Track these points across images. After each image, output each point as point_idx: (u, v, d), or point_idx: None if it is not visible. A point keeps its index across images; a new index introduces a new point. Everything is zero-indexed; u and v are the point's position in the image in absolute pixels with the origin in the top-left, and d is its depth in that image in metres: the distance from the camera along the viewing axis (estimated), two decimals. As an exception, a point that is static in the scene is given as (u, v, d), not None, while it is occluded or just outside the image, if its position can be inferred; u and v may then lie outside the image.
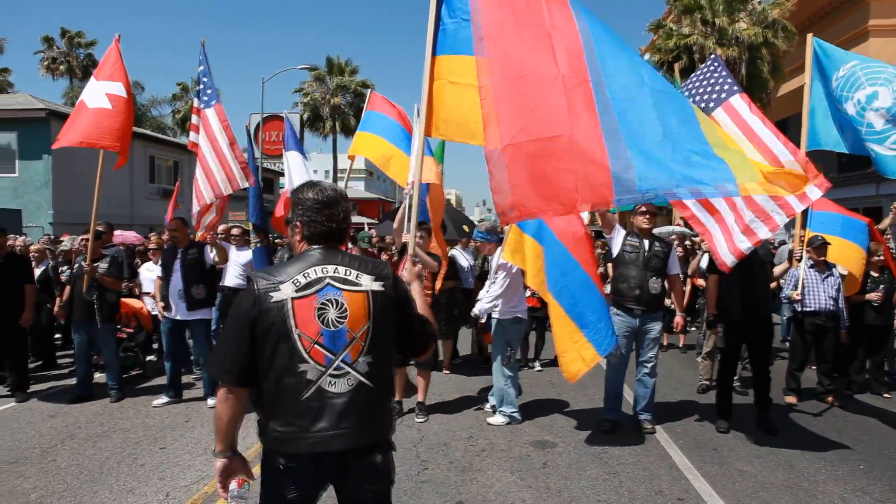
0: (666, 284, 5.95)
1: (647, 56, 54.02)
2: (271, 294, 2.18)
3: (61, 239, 10.19)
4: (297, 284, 2.20)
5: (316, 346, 2.17)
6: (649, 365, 5.96)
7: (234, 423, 2.27)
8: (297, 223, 2.37)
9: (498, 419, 6.11)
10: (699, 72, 6.43)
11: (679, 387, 7.63)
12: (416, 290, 2.66)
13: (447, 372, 8.10)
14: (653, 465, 5.05)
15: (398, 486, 4.58)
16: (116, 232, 11.28)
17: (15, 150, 19.98)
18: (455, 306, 7.87)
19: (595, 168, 3.15)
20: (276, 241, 10.90)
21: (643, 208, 5.91)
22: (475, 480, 4.74)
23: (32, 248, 9.21)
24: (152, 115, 38.55)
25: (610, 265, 11.63)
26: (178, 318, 6.59)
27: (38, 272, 8.11)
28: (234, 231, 8.66)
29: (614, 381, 5.98)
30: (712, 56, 5.83)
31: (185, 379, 7.33)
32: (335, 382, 2.18)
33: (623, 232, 5.99)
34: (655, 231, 6.42)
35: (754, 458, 5.22)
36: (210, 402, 6.64)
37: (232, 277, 7.90)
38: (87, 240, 6.76)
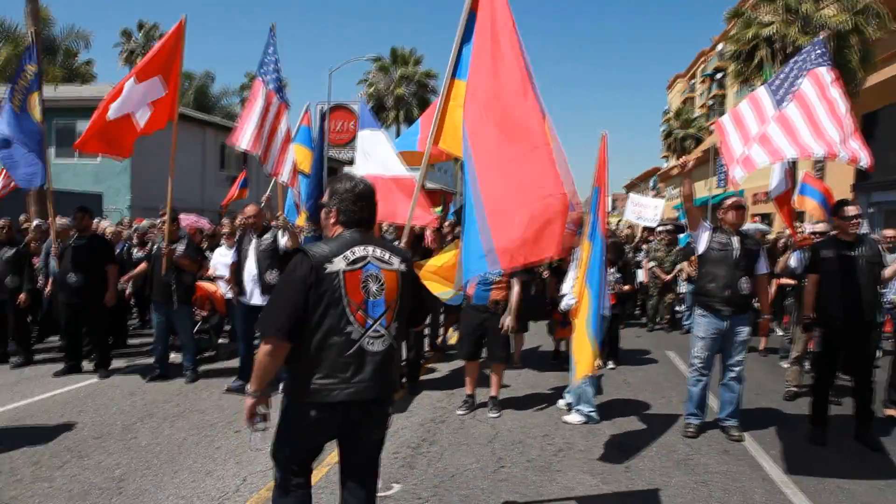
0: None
1: (720, 46, 51.77)
2: (326, 265, 2.58)
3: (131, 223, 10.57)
4: (348, 259, 2.63)
5: (360, 311, 2.63)
6: (737, 369, 5.60)
7: (272, 372, 2.64)
8: (334, 209, 2.78)
9: (574, 418, 5.88)
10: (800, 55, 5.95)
11: (763, 393, 7.19)
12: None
13: (517, 365, 7.90)
14: (744, 476, 4.73)
15: (475, 483, 4.48)
16: (191, 217, 11.58)
17: (97, 136, 20.81)
18: (525, 299, 7.64)
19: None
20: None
21: (732, 202, 5.55)
22: (555, 482, 4.54)
23: (108, 230, 9.52)
24: (222, 105, 39.59)
25: (684, 264, 11.25)
26: (253, 303, 6.62)
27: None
28: (225, 227, 8.69)
29: (699, 384, 5.65)
30: (817, 39, 5.36)
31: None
32: (373, 342, 2.66)
33: (709, 228, 5.64)
34: None
35: (857, 474, 4.80)
36: (282, 385, 6.65)
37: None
38: (165, 222, 6.88)
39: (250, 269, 6.55)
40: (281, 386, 2.93)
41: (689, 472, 4.78)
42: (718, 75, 54.50)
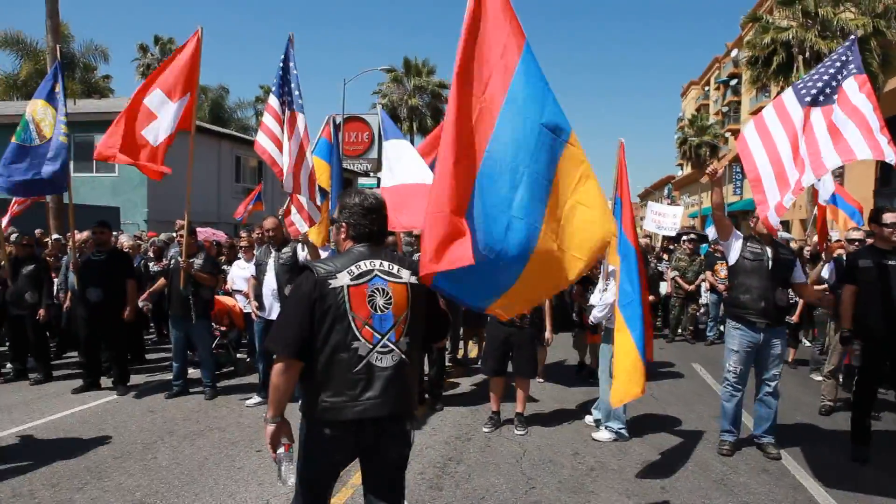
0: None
1: (734, 52, 51.28)
2: (329, 281, 2.54)
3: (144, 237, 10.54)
4: (352, 274, 2.59)
5: (366, 326, 2.55)
6: (773, 384, 5.39)
7: (289, 393, 2.59)
8: (344, 224, 2.77)
9: (604, 435, 5.70)
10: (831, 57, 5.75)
11: (797, 407, 6.95)
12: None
13: (541, 380, 7.71)
14: (787, 498, 4.52)
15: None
16: (207, 230, 11.55)
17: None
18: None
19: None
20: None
21: None
22: (589, 503, 4.37)
23: (126, 243, 9.49)
24: (237, 118, 39.87)
25: (708, 273, 11.04)
26: (272, 318, 6.52)
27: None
28: (243, 241, 8.59)
29: (733, 399, 5.45)
30: (850, 38, 5.17)
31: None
32: (382, 358, 2.57)
33: (741, 237, 5.46)
34: None
35: (906, 494, 4.59)
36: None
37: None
38: (183, 236, 6.81)
39: (270, 283, 6.46)
40: (298, 405, 2.84)
41: (728, 492, 4.58)
42: (733, 82, 54.11)
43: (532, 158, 3.20)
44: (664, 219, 14.02)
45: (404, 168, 6.53)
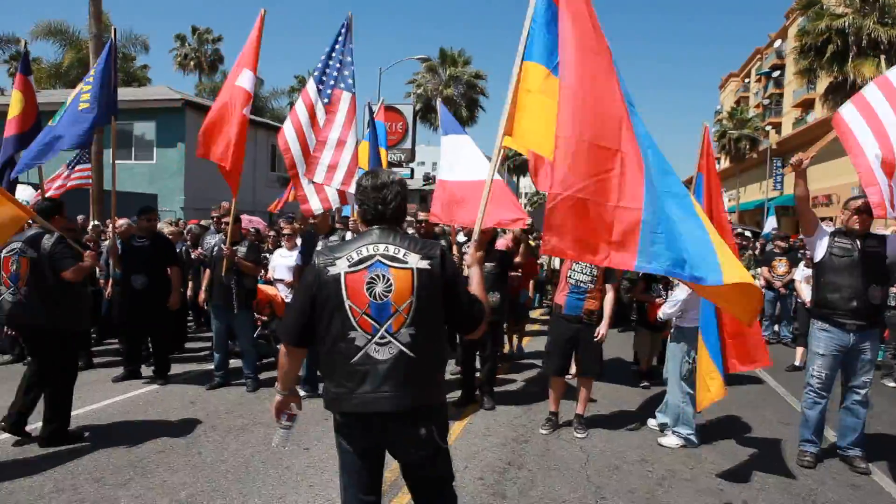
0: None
1: (778, 43, 49.67)
2: (328, 269, 2.46)
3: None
4: (351, 260, 2.46)
5: (364, 316, 2.41)
6: (862, 391, 4.94)
7: (293, 373, 2.72)
8: (357, 205, 2.66)
9: (672, 441, 5.30)
10: None
11: (875, 415, 6.43)
12: (475, 274, 2.82)
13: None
14: (885, 518, 4.10)
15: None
16: (243, 217, 11.36)
17: (153, 138, 21.10)
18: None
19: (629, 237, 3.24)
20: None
21: (861, 203, 4.87)
22: (667, 519, 3.99)
23: (166, 230, 9.32)
24: (272, 108, 39.96)
25: (763, 270, 10.49)
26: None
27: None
28: (286, 229, 8.31)
29: (816, 407, 5.01)
30: None
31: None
32: (379, 350, 2.41)
33: (828, 231, 5.00)
34: None
35: None
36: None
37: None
38: (227, 223, 6.58)
39: (316, 272, 6.18)
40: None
41: (819, 510, 4.17)
42: (775, 73, 52.51)
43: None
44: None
45: (464, 164, 6.23)
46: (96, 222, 9.44)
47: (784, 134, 45.02)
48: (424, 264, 2.46)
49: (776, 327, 11.03)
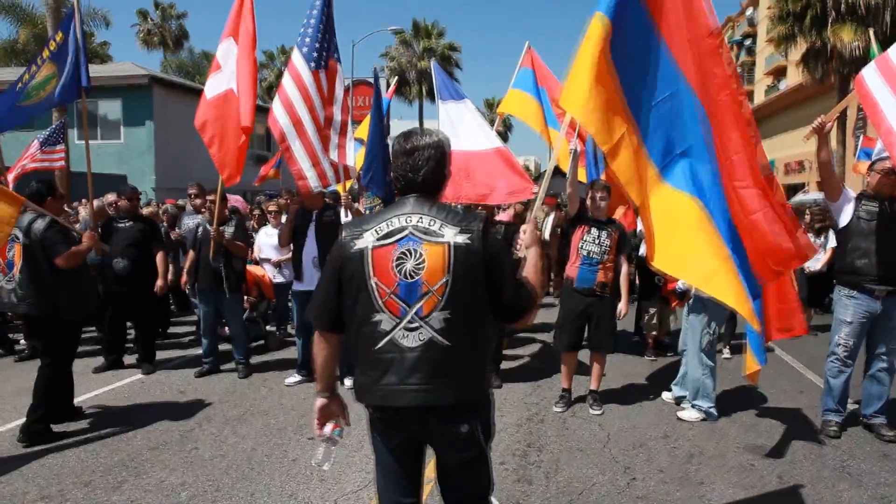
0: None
1: (749, 11, 49.68)
2: (354, 242, 2.17)
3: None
4: (378, 233, 2.15)
5: (392, 296, 2.12)
6: (889, 358, 4.78)
7: (329, 365, 2.32)
8: (392, 172, 2.34)
9: (691, 414, 5.10)
10: None
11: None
12: (531, 255, 2.49)
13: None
14: (926, 488, 3.93)
15: (611, 502, 3.74)
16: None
17: (120, 117, 20.25)
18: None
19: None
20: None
21: (887, 166, 4.65)
22: (705, 499, 3.77)
23: (144, 211, 8.82)
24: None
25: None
26: (312, 289, 5.88)
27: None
28: (272, 206, 7.90)
29: (841, 375, 4.83)
30: None
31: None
32: (408, 336, 2.11)
33: (853, 195, 4.78)
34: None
35: None
36: (347, 382, 5.95)
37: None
38: (213, 202, 6.14)
39: (310, 250, 5.80)
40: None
41: (855, 483, 3.99)
42: (747, 42, 52.60)
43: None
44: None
45: (466, 133, 5.86)
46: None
47: (756, 102, 45.10)
48: (462, 239, 2.12)
49: None
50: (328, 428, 2.33)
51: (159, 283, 6.43)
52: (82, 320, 5.05)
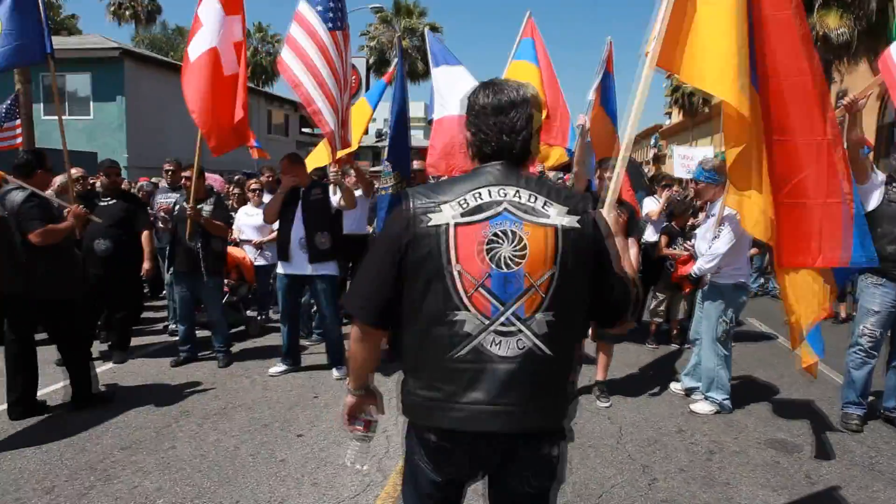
0: None
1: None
2: (429, 215, 1.69)
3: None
4: (464, 206, 1.69)
5: (480, 290, 1.66)
6: (915, 349, 4.55)
7: (369, 366, 1.94)
8: (469, 134, 1.83)
9: (704, 407, 4.82)
10: None
11: None
12: (618, 245, 1.94)
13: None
14: (963, 487, 3.69)
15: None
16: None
17: (89, 92, 19.41)
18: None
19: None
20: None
21: None
22: (734, 502, 3.47)
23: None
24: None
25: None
26: (298, 272, 5.46)
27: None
28: (252, 184, 7.48)
29: (864, 367, 4.57)
30: None
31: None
32: (500, 342, 1.66)
33: (882, 177, 4.50)
34: None
35: None
36: (336, 372, 5.57)
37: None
38: (189, 178, 5.67)
39: (296, 231, 5.37)
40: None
41: (890, 483, 3.74)
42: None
43: None
44: (693, 163, 13.04)
45: (458, 99, 5.41)
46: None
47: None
48: (572, 222, 1.69)
49: (762, 279, 10.78)
50: (360, 426, 2.00)
51: (146, 265, 5.97)
52: (73, 302, 4.65)
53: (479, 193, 1.69)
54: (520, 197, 1.69)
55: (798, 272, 3.25)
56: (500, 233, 1.65)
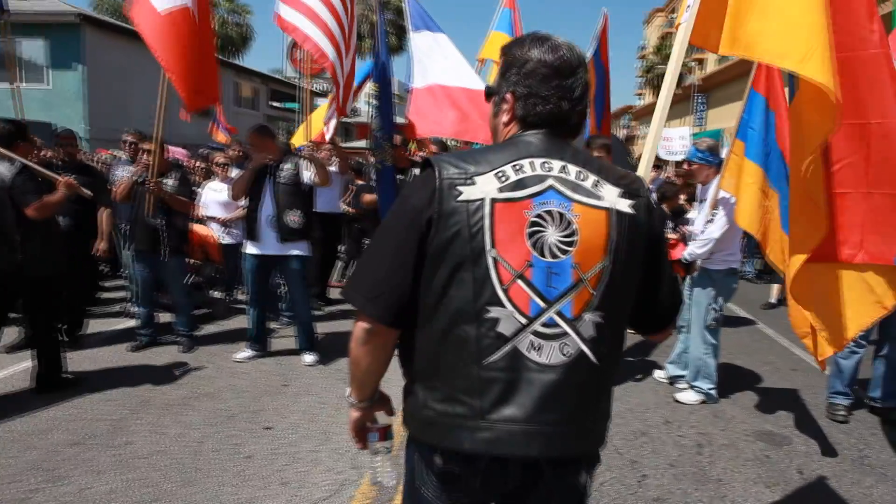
0: None
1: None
2: (460, 189, 1.36)
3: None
4: (504, 180, 1.38)
5: (519, 281, 1.36)
6: (901, 338, 4.45)
7: (377, 373, 1.55)
8: (509, 94, 1.49)
9: (690, 396, 4.68)
10: None
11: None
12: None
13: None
14: (956, 482, 3.60)
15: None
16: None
17: (45, 59, 18.47)
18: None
19: None
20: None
21: None
22: (728, 499, 3.32)
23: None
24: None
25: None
26: (267, 252, 5.14)
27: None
28: (219, 158, 7.14)
29: (853, 357, 4.47)
30: None
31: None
32: (540, 347, 1.37)
33: None
34: None
35: None
36: (307, 358, 5.29)
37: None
38: (149, 151, 5.27)
39: (266, 208, 5.04)
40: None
41: (881, 478, 3.62)
42: (701, 9, 52.68)
43: None
44: (671, 143, 12.96)
45: (438, 67, 5.11)
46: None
47: (708, 70, 45.44)
48: (626, 206, 1.42)
49: (753, 262, 10.77)
50: (374, 438, 1.65)
51: (103, 245, 5.61)
52: (54, 278, 4.44)
53: (521, 166, 1.39)
54: (567, 173, 1.41)
55: (843, 271, 2.90)
56: (545, 214, 1.37)
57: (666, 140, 12.91)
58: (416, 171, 6.06)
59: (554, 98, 1.45)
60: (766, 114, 3.73)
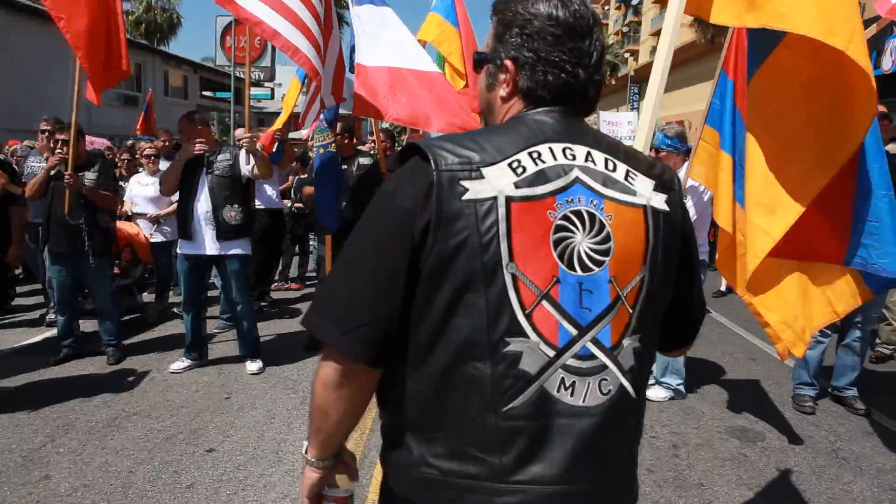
0: None
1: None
2: (464, 184, 1.02)
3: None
4: (520, 172, 1.04)
5: (545, 302, 1.03)
6: (864, 327, 4.44)
7: (350, 425, 1.18)
8: (509, 62, 1.16)
9: (659, 393, 4.53)
10: None
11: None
12: None
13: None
14: (929, 473, 3.56)
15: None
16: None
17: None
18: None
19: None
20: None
21: None
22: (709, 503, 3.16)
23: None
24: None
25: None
26: (204, 252, 4.67)
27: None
28: (147, 149, 6.65)
29: (819, 346, 4.41)
30: None
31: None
32: (572, 385, 1.05)
33: None
34: None
35: None
36: (251, 366, 4.86)
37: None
38: (65, 141, 4.70)
39: (201, 203, 4.57)
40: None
41: (857, 470, 3.55)
42: (634, 1, 54.05)
43: None
44: (619, 128, 12.97)
45: (388, 46, 4.71)
46: None
47: (642, 61, 46.66)
48: (661, 202, 1.14)
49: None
50: (334, 497, 1.25)
51: (13, 249, 5.02)
52: None
53: (539, 153, 1.07)
54: (593, 161, 1.10)
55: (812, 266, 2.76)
56: (571, 215, 1.06)
57: (612, 125, 12.93)
58: (362, 160, 5.67)
59: (568, 65, 1.14)
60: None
